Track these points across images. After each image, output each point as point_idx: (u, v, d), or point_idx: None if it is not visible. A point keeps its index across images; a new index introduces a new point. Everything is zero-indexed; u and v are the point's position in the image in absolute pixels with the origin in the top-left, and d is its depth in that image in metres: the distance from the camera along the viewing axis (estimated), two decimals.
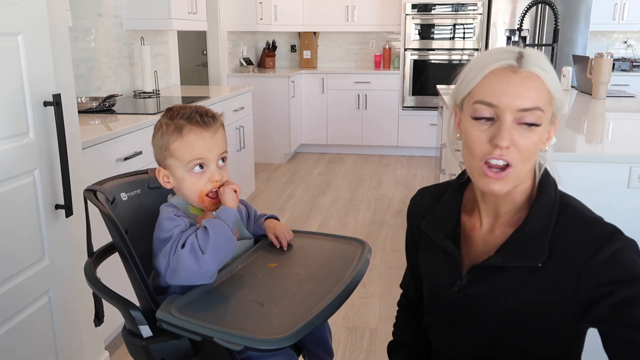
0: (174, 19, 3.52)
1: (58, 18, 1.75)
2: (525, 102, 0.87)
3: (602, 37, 5.88)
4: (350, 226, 3.79)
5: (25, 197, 1.58)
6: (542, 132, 0.91)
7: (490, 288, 0.97)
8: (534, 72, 0.89)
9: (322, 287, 1.07)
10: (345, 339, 2.41)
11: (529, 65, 0.89)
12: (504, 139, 0.87)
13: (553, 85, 0.90)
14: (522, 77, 0.88)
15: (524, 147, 0.89)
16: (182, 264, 1.06)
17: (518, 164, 0.90)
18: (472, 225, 1.04)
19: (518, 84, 0.88)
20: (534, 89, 0.88)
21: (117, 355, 2.28)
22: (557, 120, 0.94)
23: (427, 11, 5.57)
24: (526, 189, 0.97)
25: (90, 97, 2.93)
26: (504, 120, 0.88)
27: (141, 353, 1.09)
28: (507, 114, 0.88)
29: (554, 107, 0.92)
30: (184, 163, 1.14)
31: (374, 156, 5.95)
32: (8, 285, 1.53)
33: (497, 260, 0.95)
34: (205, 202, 1.16)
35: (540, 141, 0.92)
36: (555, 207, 0.94)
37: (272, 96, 5.45)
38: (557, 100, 0.91)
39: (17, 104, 1.53)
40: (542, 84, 0.89)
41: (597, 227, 0.91)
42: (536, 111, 0.88)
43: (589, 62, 3.36)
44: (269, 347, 0.91)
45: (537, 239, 0.92)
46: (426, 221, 1.09)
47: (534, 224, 0.94)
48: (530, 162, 0.92)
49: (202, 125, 1.13)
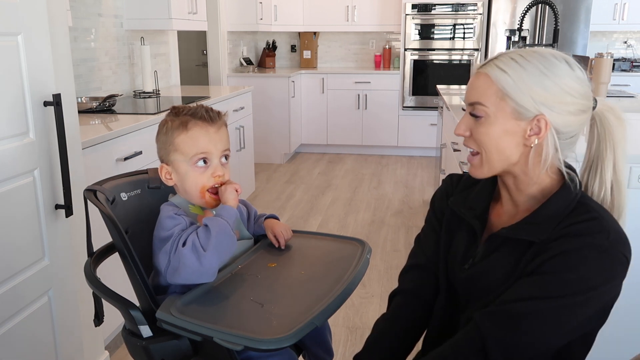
0: (174, 19, 3.52)
1: (58, 18, 1.75)
2: (470, 96, 1.00)
3: (602, 37, 5.88)
4: (350, 226, 3.79)
5: (25, 197, 1.58)
6: (496, 124, 0.97)
7: (493, 261, 1.03)
8: (484, 72, 0.98)
9: (322, 287, 1.07)
10: (345, 339, 2.41)
11: (487, 65, 0.99)
12: (458, 126, 1.02)
13: (506, 83, 0.95)
14: (476, 75, 1.00)
15: (477, 137, 1.00)
16: (183, 262, 1.07)
17: (482, 151, 1.00)
18: (498, 212, 1.10)
19: (473, 80, 1.00)
20: (479, 86, 0.98)
21: (117, 355, 2.28)
22: (538, 116, 0.96)
23: (427, 11, 5.57)
24: (543, 186, 1.02)
25: (90, 97, 2.93)
26: (466, 110, 1.02)
27: (141, 353, 1.09)
28: (466, 107, 1.02)
29: (514, 103, 0.95)
30: (188, 157, 1.15)
31: (374, 156, 5.95)
32: (8, 285, 1.53)
33: (507, 232, 1.01)
34: (206, 197, 1.16)
35: (501, 134, 0.97)
36: (573, 202, 0.98)
37: (272, 96, 5.45)
38: (513, 97, 0.95)
39: (17, 104, 1.53)
40: (489, 82, 0.97)
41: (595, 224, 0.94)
42: (477, 105, 0.98)
43: (589, 62, 3.36)
44: (269, 347, 0.91)
45: (547, 222, 0.97)
46: (454, 199, 1.15)
47: (548, 210, 0.99)
48: (499, 153, 0.99)
49: (207, 120, 1.15)
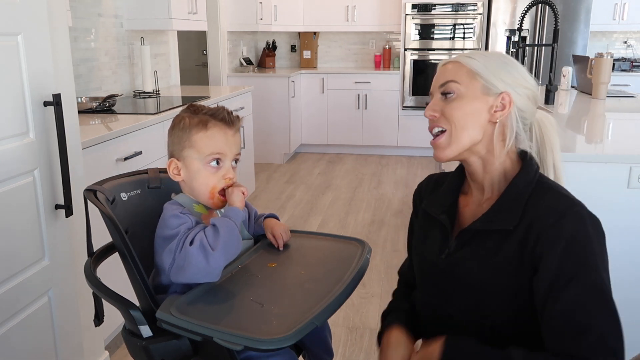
0: (174, 19, 3.52)
1: (58, 18, 1.75)
2: (441, 78, 1.09)
3: (602, 37, 5.88)
4: (350, 226, 3.79)
5: (25, 197, 1.58)
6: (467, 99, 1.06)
7: (471, 253, 1.06)
8: (453, 60, 1.10)
9: (322, 287, 1.07)
10: (345, 339, 2.41)
11: (455, 57, 1.11)
12: (427, 108, 1.10)
13: (476, 65, 1.07)
14: (444, 66, 1.11)
15: (449, 114, 1.06)
16: (190, 260, 1.06)
17: (452, 130, 1.06)
18: (466, 202, 1.15)
19: (441, 70, 1.11)
20: (450, 70, 1.09)
21: (117, 355, 2.29)
22: (504, 93, 1.06)
23: (427, 11, 5.57)
24: (505, 167, 1.09)
25: (90, 97, 2.93)
26: (432, 98, 1.10)
27: (141, 353, 1.09)
28: (435, 93, 1.10)
29: (483, 80, 1.06)
30: (203, 155, 1.16)
31: (374, 156, 5.95)
32: (8, 285, 1.53)
33: (477, 224, 1.06)
34: (214, 198, 1.17)
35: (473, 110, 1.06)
36: (533, 182, 1.05)
37: (272, 96, 5.45)
38: (482, 75, 1.06)
39: (17, 104, 1.53)
40: (459, 65, 1.08)
41: (565, 199, 1.01)
42: (450, 83, 1.07)
43: (589, 62, 3.36)
44: (269, 347, 0.91)
45: (512, 206, 1.03)
46: (427, 201, 1.21)
47: (511, 194, 1.05)
48: (469, 129, 1.06)
49: (227, 122, 1.17)
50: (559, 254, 0.95)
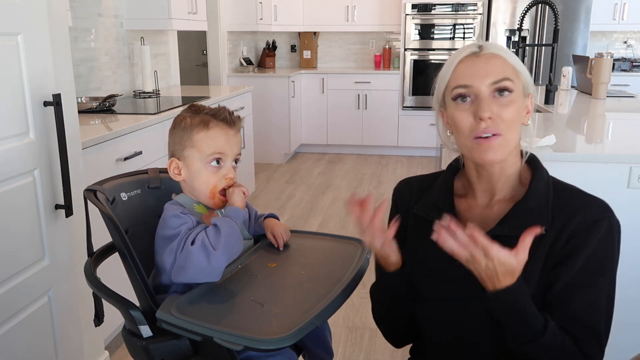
0: (174, 19, 3.52)
1: (58, 18, 1.75)
2: (494, 75, 0.99)
3: (602, 37, 5.88)
4: (350, 226, 3.78)
5: (25, 197, 1.58)
6: (518, 100, 1.00)
7: None
8: (494, 53, 1.01)
9: (322, 287, 1.07)
10: (345, 339, 2.41)
11: (489, 49, 1.02)
12: (485, 109, 0.97)
13: (515, 61, 1.02)
14: (486, 57, 1.01)
15: (506, 116, 0.99)
16: (191, 260, 1.06)
17: (506, 133, 0.99)
18: (468, 206, 1.10)
19: (483, 63, 1.00)
20: (497, 65, 1.00)
21: (117, 355, 2.28)
22: (531, 95, 1.04)
23: (427, 11, 5.57)
24: (517, 168, 1.06)
25: (90, 97, 2.93)
26: (480, 95, 0.99)
27: (141, 353, 1.09)
28: (482, 89, 0.99)
29: (522, 80, 1.02)
30: (204, 155, 1.16)
31: (374, 156, 5.95)
32: (8, 285, 1.53)
33: (503, 230, 1.00)
34: (215, 198, 1.17)
35: (519, 111, 1.01)
36: (549, 184, 1.03)
37: (272, 96, 5.45)
38: (522, 74, 1.02)
39: (17, 104, 1.53)
40: (504, 60, 1.01)
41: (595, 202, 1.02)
42: (505, 81, 0.99)
43: (589, 62, 3.36)
44: (269, 347, 0.91)
45: (540, 210, 1.00)
46: (420, 205, 1.14)
47: (535, 197, 1.01)
48: (516, 131, 1.01)
49: (228, 122, 1.18)
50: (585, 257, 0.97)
